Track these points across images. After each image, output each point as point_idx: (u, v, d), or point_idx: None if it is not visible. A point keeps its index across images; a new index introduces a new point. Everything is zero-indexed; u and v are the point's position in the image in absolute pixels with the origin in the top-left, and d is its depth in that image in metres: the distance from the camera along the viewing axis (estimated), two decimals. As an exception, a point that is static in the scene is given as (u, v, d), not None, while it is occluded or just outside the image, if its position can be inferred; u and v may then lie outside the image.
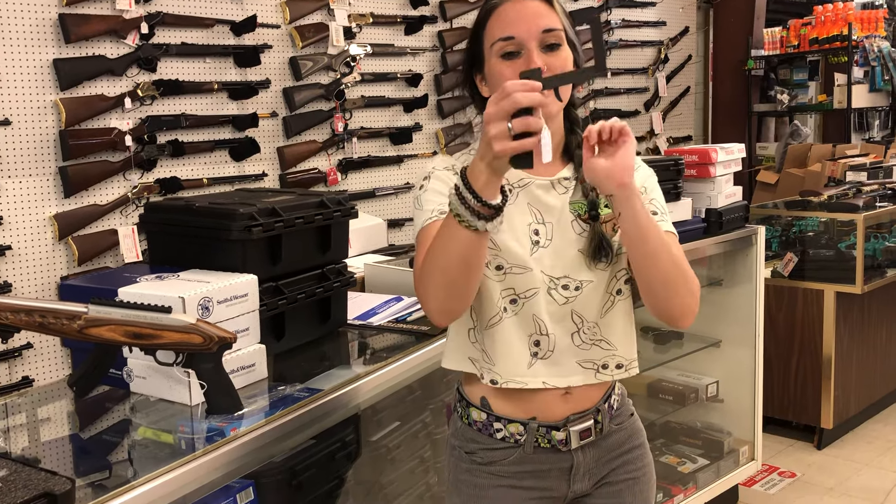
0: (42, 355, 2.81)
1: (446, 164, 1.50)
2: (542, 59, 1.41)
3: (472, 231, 1.23)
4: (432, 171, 1.49)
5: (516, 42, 1.42)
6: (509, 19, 1.43)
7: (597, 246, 1.45)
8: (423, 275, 1.33)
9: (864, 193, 4.20)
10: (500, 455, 1.50)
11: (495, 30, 1.44)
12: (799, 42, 5.70)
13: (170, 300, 1.56)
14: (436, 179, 1.47)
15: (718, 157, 3.11)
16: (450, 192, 1.26)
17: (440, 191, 1.45)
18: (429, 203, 1.44)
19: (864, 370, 4.12)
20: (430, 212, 1.43)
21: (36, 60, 2.80)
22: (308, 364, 1.91)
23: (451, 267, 1.28)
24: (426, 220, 1.43)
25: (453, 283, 1.30)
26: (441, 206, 1.42)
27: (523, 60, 1.41)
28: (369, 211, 3.67)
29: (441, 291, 1.32)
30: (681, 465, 3.31)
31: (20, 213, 2.79)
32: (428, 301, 1.35)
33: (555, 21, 1.44)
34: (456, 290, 1.32)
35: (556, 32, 1.43)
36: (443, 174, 1.48)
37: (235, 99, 3.30)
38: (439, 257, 1.29)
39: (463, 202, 1.22)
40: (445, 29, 4.01)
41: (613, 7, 4.92)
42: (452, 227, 1.25)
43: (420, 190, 1.48)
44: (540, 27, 1.42)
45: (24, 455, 1.48)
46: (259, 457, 1.53)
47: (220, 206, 1.81)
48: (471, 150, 1.56)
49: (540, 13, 1.43)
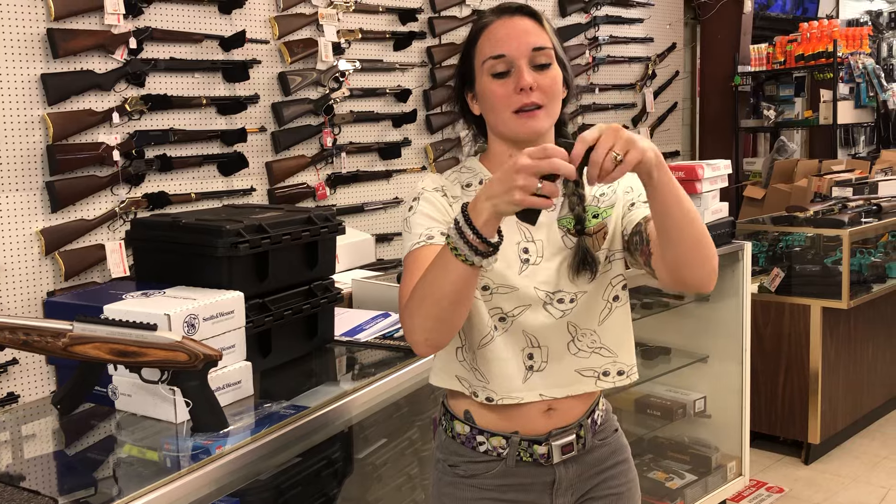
0: (27, 371, 2.79)
1: (436, 185, 1.50)
2: (531, 76, 1.42)
3: (467, 265, 1.24)
4: (421, 193, 1.49)
5: (506, 60, 1.43)
6: (499, 37, 1.44)
7: (581, 260, 1.46)
8: (412, 304, 1.32)
9: (849, 209, 4.23)
10: (483, 468, 1.50)
11: (486, 48, 1.45)
12: (785, 59, 5.75)
13: (155, 317, 1.56)
14: (425, 201, 1.47)
15: (705, 174, 3.13)
16: (448, 225, 1.27)
17: (429, 214, 1.45)
18: (417, 226, 1.44)
19: (850, 385, 4.14)
20: (419, 236, 1.43)
21: (23, 75, 2.80)
22: (294, 381, 1.91)
23: (443, 298, 1.28)
24: (414, 244, 1.43)
25: (442, 314, 1.30)
26: (429, 231, 1.42)
27: (513, 77, 1.42)
28: (358, 226, 3.68)
29: (429, 322, 1.31)
30: (668, 481, 3.31)
31: (7, 228, 2.78)
32: (414, 332, 1.34)
33: (544, 39, 1.45)
34: (444, 323, 1.32)
35: (546, 51, 1.44)
36: (431, 196, 1.48)
37: (224, 114, 3.31)
38: (430, 288, 1.29)
39: (462, 236, 1.23)
40: (434, 45, 4.03)
41: (601, 23, 4.95)
42: (447, 259, 1.25)
43: (409, 212, 1.48)
44: (530, 45, 1.43)
45: (7, 473, 1.46)
46: (245, 475, 1.52)
47: (207, 223, 1.81)
48: (461, 169, 1.56)
49: (530, 31, 1.44)
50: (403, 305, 1.36)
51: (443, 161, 4.06)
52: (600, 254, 1.50)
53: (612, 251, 1.51)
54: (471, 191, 1.50)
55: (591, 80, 4.96)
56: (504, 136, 1.49)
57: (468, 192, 1.50)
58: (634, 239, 1.47)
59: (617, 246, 1.51)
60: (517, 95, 1.42)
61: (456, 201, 1.48)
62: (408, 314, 1.34)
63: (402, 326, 1.37)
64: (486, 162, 1.55)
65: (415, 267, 1.38)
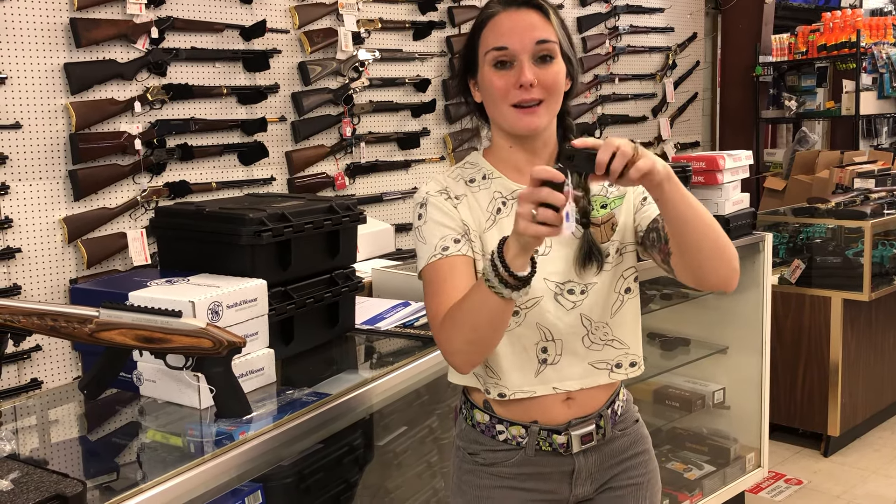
0: (50, 357, 2.82)
1: (439, 188, 1.49)
2: (532, 71, 1.42)
3: (499, 297, 1.27)
4: (426, 198, 1.48)
5: (509, 53, 1.43)
6: (504, 29, 1.44)
7: (587, 253, 1.46)
8: (448, 327, 1.37)
9: (871, 200, 4.19)
10: (503, 457, 1.51)
11: (489, 39, 1.45)
12: (807, 49, 5.69)
13: (180, 304, 1.57)
14: (432, 207, 1.47)
15: (726, 164, 3.11)
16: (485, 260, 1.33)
17: (440, 221, 1.45)
18: (431, 237, 1.45)
19: (871, 378, 4.11)
20: (434, 247, 1.44)
21: (47, 64, 2.82)
22: (316, 368, 1.92)
23: (480, 326, 1.33)
24: (432, 255, 1.44)
25: (478, 339, 1.35)
26: (444, 242, 1.44)
27: (514, 71, 1.42)
28: (377, 215, 3.69)
29: (466, 346, 1.36)
30: (687, 472, 3.31)
31: (30, 216, 2.80)
32: (452, 354, 1.39)
33: (549, 33, 1.44)
34: (481, 346, 1.37)
35: (550, 45, 1.44)
36: (436, 200, 1.47)
37: (244, 103, 3.32)
38: (468, 316, 1.33)
39: (494, 270, 1.26)
40: (454, 34, 4.02)
41: (622, 13, 4.93)
42: (483, 290, 1.29)
43: (419, 220, 1.48)
44: (533, 39, 1.42)
45: (34, 457, 1.48)
46: (268, 460, 1.53)
47: (231, 211, 1.82)
48: (465, 164, 1.56)
49: (535, 25, 1.43)
50: (439, 325, 1.39)
51: (461, 150, 4.06)
52: (611, 245, 1.49)
53: (624, 244, 1.51)
54: (475, 186, 1.50)
55: (610, 69, 4.94)
56: (503, 128, 1.49)
57: (472, 188, 1.50)
58: (651, 236, 1.47)
59: (629, 239, 1.51)
60: (517, 90, 1.42)
61: (460, 200, 1.48)
62: (445, 337, 1.38)
63: (439, 346, 1.41)
64: (489, 156, 1.55)
65: (437, 281, 1.42)
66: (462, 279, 1.40)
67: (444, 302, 1.39)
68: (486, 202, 1.49)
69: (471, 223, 1.47)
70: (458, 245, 1.43)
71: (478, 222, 1.47)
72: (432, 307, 1.41)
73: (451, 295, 1.38)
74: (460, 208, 1.47)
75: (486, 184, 1.51)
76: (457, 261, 1.42)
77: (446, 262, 1.42)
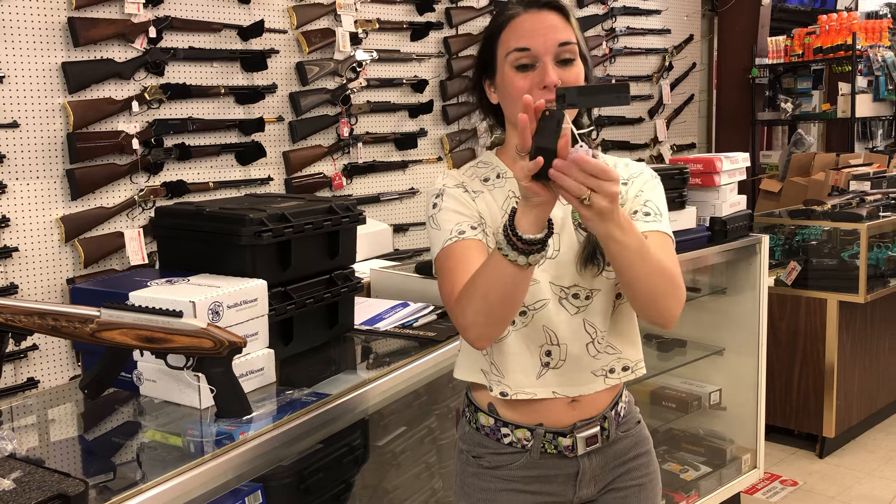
0: (47, 357, 2.82)
1: (456, 182, 1.50)
2: (556, 72, 1.42)
3: (513, 265, 1.25)
4: (444, 189, 1.48)
5: (531, 54, 1.42)
6: (525, 31, 1.43)
7: (590, 253, 1.46)
8: (463, 301, 1.35)
9: (867, 203, 4.21)
10: (508, 459, 1.51)
11: (511, 40, 1.45)
12: (803, 51, 5.71)
13: (181, 304, 1.57)
14: (449, 198, 1.47)
15: (723, 167, 3.12)
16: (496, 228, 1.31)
17: (455, 209, 1.45)
18: (446, 223, 1.45)
19: (866, 379, 4.12)
20: (449, 232, 1.43)
21: (44, 63, 2.82)
22: (315, 369, 1.92)
23: (493, 297, 1.30)
24: (447, 240, 1.43)
25: (491, 311, 1.32)
26: (459, 226, 1.43)
27: (538, 73, 1.42)
28: (374, 216, 3.69)
29: (480, 318, 1.34)
30: (683, 473, 3.31)
31: (27, 215, 2.80)
32: (466, 328, 1.37)
33: (570, 35, 1.45)
34: (495, 318, 1.34)
35: (571, 46, 1.44)
36: (454, 191, 1.48)
37: (242, 103, 3.32)
38: (481, 287, 1.31)
39: (505, 235, 1.25)
40: (451, 35, 4.02)
41: (618, 14, 4.93)
42: (496, 259, 1.27)
43: (434, 209, 1.47)
44: (556, 41, 1.42)
45: (34, 456, 1.48)
46: (268, 460, 1.53)
47: (231, 212, 1.82)
48: (478, 164, 1.56)
49: (556, 27, 1.43)
50: (454, 302, 1.38)
51: (458, 151, 4.06)
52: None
53: None
54: (490, 185, 1.51)
55: (607, 71, 4.94)
56: None
57: (488, 186, 1.50)
58: None
59: None
60: (539, 91, 1.42)
61: (477, 195, 1.48)
62: (459, 311, 1.36)
63: (454, 321, 1.40)
64: (502, 155, 1.55)
65: (451, 263, 1.40)
66: (478, 262, 1.37)
67: (459, 279, 1.37)
68: (502, 200, 1.49)
69: (487, 218, 1.47)
70: (474, 231, 1.43)
71: (493, 219, 1.47)
72: (447, 286, 1.40)
73: (466, 274, 1.36)
74: (477, 201, 1.48)
75: (501, 182, 1.51)
76: (472, 244, 1.42)
77: (461, 245, 1.41)
